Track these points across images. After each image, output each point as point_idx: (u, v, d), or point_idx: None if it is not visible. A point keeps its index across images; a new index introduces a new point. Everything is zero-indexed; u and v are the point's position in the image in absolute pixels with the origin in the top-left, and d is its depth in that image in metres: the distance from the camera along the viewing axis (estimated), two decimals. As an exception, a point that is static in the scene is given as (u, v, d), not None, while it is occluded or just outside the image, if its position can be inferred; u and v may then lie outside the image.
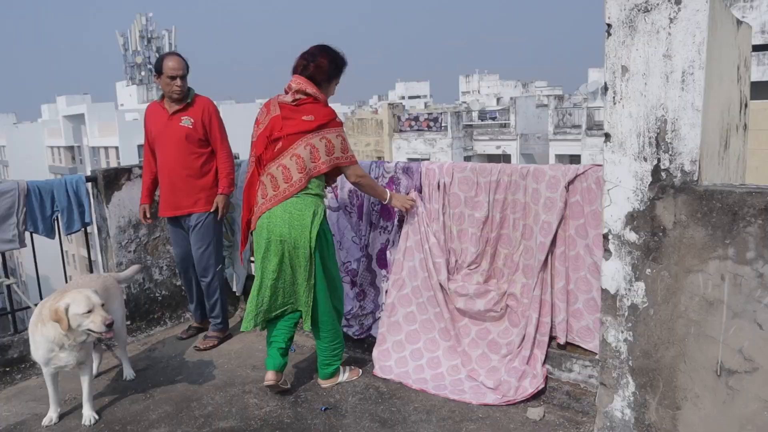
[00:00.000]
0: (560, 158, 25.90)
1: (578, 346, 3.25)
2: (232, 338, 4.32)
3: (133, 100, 52.93)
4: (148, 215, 4.19)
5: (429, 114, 29.91)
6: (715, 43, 2.05)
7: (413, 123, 29.20)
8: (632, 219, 2.19)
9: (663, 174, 2.11)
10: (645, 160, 2.13)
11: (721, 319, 2.08)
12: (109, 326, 2.93)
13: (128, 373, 3.73)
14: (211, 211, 4.09)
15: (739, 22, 2.43)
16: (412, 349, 3.56)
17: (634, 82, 2.10)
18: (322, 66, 3.24)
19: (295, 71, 3.27)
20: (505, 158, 27.18)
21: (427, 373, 3.45)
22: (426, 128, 28.62)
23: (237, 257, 4.58)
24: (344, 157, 3.29)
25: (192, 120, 4.00)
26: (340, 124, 3.33)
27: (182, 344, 4.23)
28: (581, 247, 3.14)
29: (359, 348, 3.90)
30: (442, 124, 28.08)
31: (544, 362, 3.24)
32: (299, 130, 3.19)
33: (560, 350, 3.26)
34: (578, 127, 25.12)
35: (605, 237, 2.26)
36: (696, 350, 2.15)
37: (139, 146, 37.57)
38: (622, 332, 2.29)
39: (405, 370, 3.49)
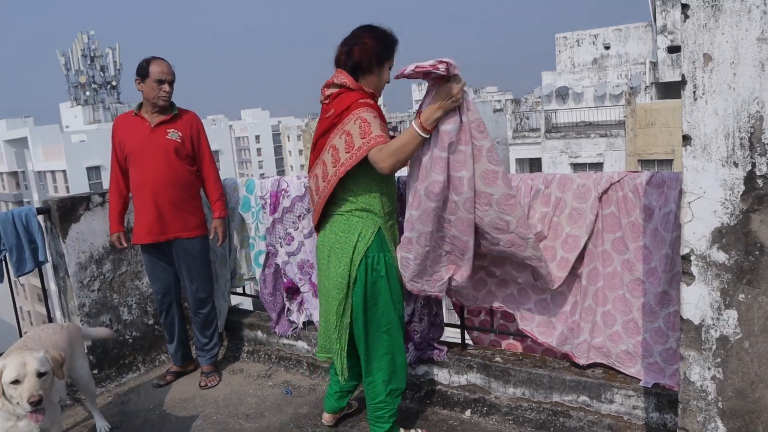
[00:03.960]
0: (520, 162, 25.91)
1: (618, 372, 2.91)
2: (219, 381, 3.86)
3: (78, 121, 51.07)
4: (124, 242, 3.71)
5: (387, 123, 29.59)
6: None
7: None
8: (720, 236, 1.84)
9: (759, 181, 1.76)
10: (735, 165, 1.79)
11: (837, 351, 1.74)
12: (34, 404, 2.33)
13: (102, 426, 3.24)
14: (210, 237, 3.70)
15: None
16: None
17: (719, 72, 1.76)
18: (368, 48, 2.66)
19: (337, 64, 2.74)
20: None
21: None
22: (384, 138, 28.28)
23: (219, 289, 4.12)
24: (365, 143, 2.53)
25: (180, 134, 3.54)
26: (365, 105, 2.62)
27: (160, 393, 3.73)
28: (618, 263, 2.80)
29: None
30: (399, 133, 27.80)
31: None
32: (322, 131, 2.72)
33: (598, 379, 2.91)
34: (537, 130, 25.16)
35: (686, 258, 1.91)
36: (805, 388, 1.81)
37: (88, 169, 36.19)
38: (710, 369, 1.93)
39: None
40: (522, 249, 2.68)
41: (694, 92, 1.80)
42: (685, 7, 1.78)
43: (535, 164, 24.98)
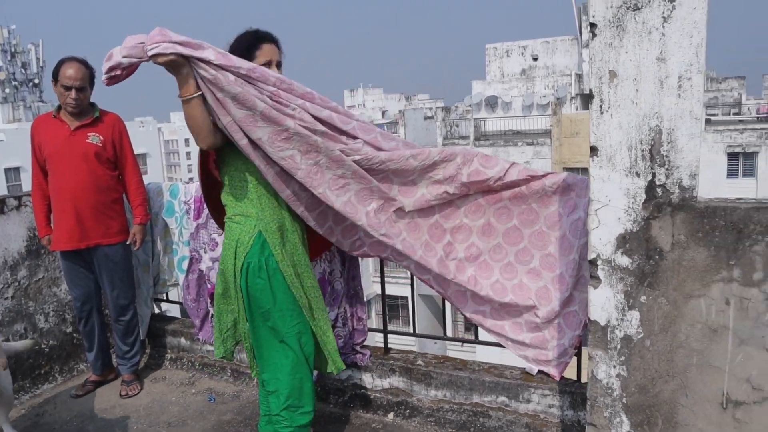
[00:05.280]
0: (450, 169, 26.32)
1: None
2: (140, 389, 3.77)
3: (-2, 119, 48.54)
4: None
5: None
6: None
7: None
8: (624, 242, 1.96)
9: (659, 190, 1.89)
10: (638, 175, 1.91)
11: (727, 347, 1.89)
12: None
13: (11, 439, 3.10)
14: (128, 242, 3.60)
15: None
16: None
17: (624, 88, 1.88)
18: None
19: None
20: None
21: None
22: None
23: (141, 295, 4.02)
24: None
25: (101, 137, 3.44)
26: None
27: (78, 404, 3.61)
28: (523, 273, 2.85)
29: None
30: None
31: None
32: None
33: (516, 379, 3.01)
34: (466, 137, 25.68)
35: (593, 263, 2.02)
36: (699, 382, 1.94)
37: (7, 170, 34.41)
38: (615, 367, 2.05)
39: None
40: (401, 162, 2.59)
41: (601, 106, 1.92)
42: (593, 26, 1.89)
43: (465, 171, 25.42)
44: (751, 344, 1.86)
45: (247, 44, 2.49)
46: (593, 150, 1.96)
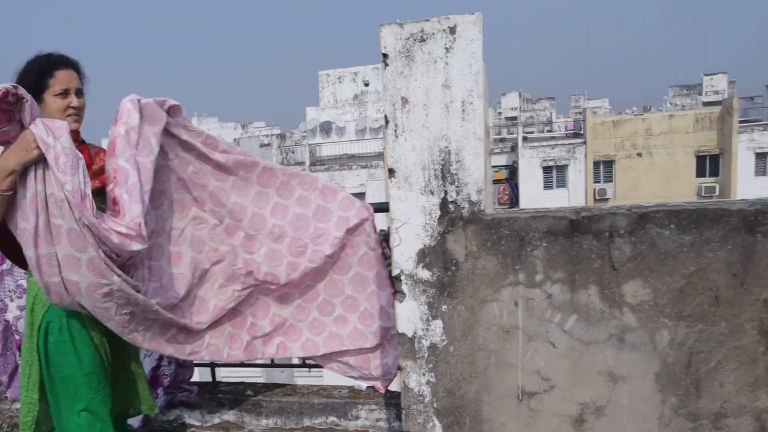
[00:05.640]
0: (288, 194, 26.32)
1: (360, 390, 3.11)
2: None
3: None
4: None
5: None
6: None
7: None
8: (424, 256, 2.10)
9: (451, 206, 2.06)
10: (432, 193, 2.06)
11: (518, 345, 2.08)
12: None
13: None
14: None
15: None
16: None
17: (415, 113, 2.03)
18: None
19: None
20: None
21: None
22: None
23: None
24: None
25: None
26: None
27: None
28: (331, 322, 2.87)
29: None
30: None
31: None
32: None
33: (344, 398, 3.08)
34: (302, 163, 25.85)
35: (397, 278, 2.14)
36: (497, 380, 2.12)
37: None
38: (424, 375, 2.18)
39: None
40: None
41: (395, 130, 2.05)
42: (385, 56, 2.03)
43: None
44: (538, 339, 2.07)
45: (38, 71, 2.24)
46: (391, 172, 2.09)
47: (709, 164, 26.62)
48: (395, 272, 2.13)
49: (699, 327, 1.95)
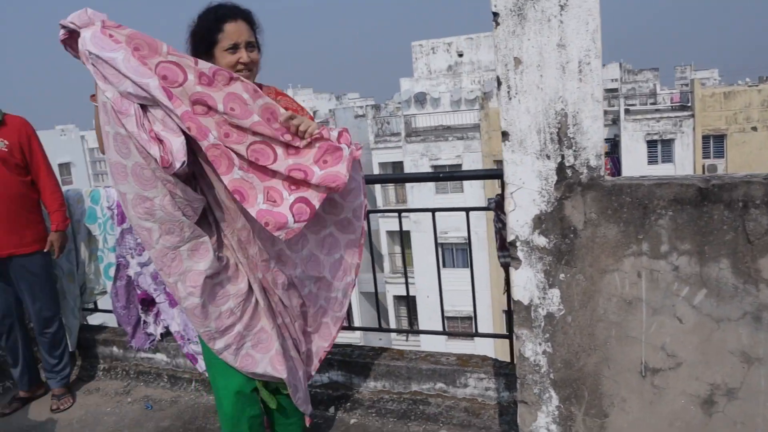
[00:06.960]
0: (383, 166, 26.50)
1: (470, 357, 3.09)
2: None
3: None
4: None
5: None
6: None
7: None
8: (540, 222, 2.03)
9: (569, 171, 1.96)
10: (548, 157, 1.98)
11: (642, 318, 1.98)
12: None
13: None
14: (45, 250, 3.45)
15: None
16: None
17: (528, 74, 1.94)
18: None
19: None
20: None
21: None
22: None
23: (68, 306, 3.89)
24: None
25: (6, 142, 3.29)
26: None
27: (5, 422, 3.46)
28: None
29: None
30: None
31: None
32: None
33: (452, 366, 3.07)
34: (398, 134, 25.87)
35: (512, 244, 2.08)
36: (619, 353, 2.03)
37: None
38: (540, 344, 2.12)
39: None
40: None
41: (509, 92, 1.98)
42: (495, 15, 1.95)
43: (397, 167, 25.67)
44: (663, 313, 1.95)
45: (207, 27, 2.19)
46: (505, 135, 2.02)
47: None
48: (510, 238, 2.07)
49: None
